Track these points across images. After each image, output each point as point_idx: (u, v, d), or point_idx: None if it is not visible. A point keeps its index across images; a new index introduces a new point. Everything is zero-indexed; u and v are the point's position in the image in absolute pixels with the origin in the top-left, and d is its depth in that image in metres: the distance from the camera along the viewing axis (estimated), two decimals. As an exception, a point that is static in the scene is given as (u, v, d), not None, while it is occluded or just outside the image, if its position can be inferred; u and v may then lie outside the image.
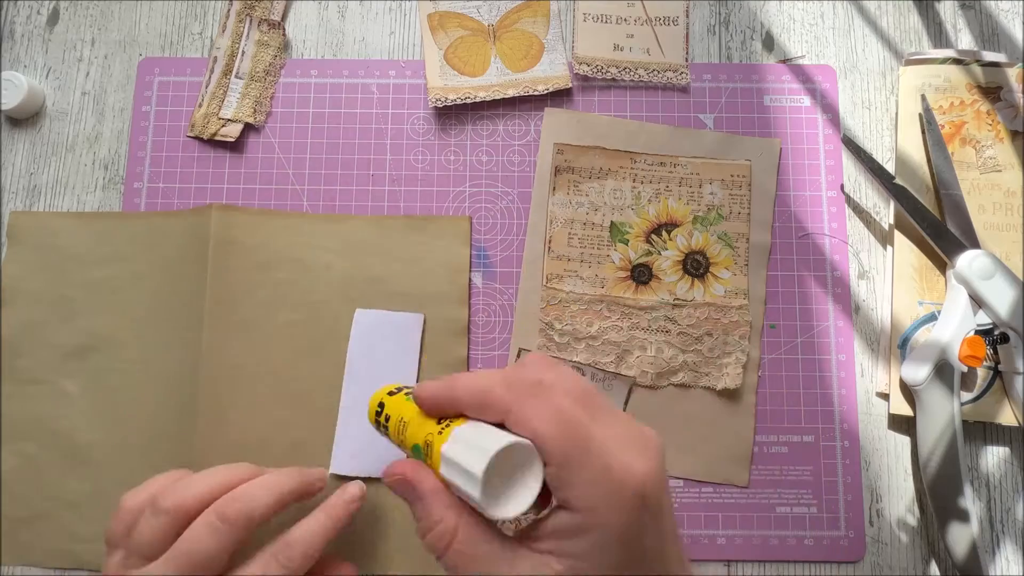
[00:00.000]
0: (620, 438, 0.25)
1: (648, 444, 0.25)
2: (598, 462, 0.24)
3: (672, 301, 0.40)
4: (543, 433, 0.24)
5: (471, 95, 0.42)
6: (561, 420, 0.24)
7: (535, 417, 0.24)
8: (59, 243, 0.41)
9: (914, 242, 0.40)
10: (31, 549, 0.38)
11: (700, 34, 0.44)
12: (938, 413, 0.36)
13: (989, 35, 0.44)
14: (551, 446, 0.24)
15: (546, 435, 0.24)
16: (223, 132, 0.42)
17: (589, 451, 0.24)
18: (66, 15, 0.44)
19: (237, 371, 0.39)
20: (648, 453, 0.25)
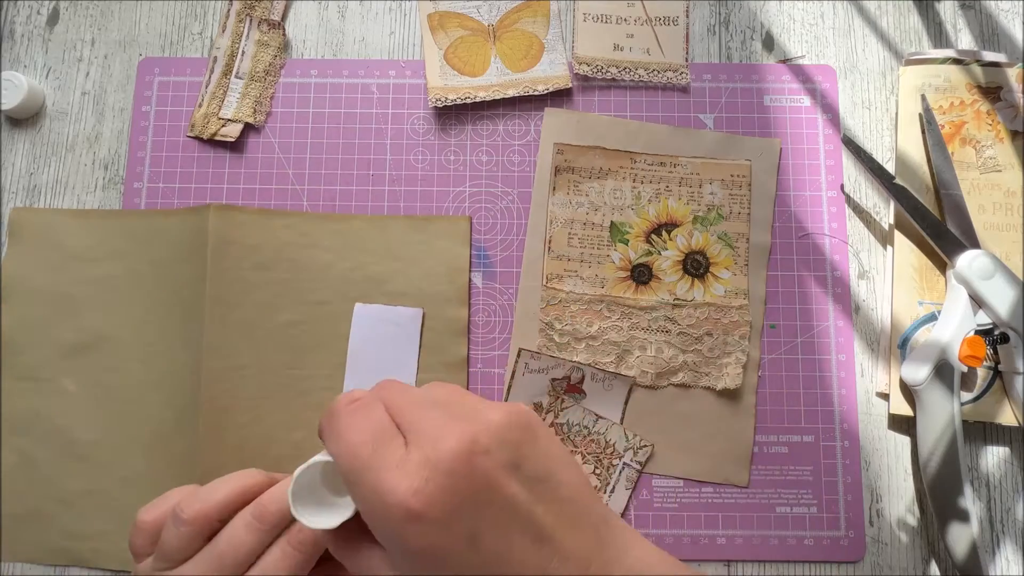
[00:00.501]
0: (429, 430, 0.25)
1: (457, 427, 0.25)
2: (369, 479, 0.24)
3: (672, 301, 0.40)
4: (333, 451, 0.26)
5: (471, 95, 0.42)
6: (346, 444, 0.25)
7: (330, 441, 0.26)
8: (60, 240, 0.41)
9: (914, 242, 0.40)
10: (28, 546, 0.38)
11: (700, 34, 0.44)
12: (938, 413, 0.36)
13: (989, 35, 0.44)
14: (339, 465, 0.25)
15: (336, 454, 0.26)
16: (223, 132, 0.42)
17: (365, 469, 0.24)
18: (66, 15, 0.44)
19: (237, 371, 0.39)
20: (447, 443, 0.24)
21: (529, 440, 0.26)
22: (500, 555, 0.24)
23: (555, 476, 0.26)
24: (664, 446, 0.39)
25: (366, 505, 0.25)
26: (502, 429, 0.25)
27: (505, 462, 0.25)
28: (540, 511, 0.25)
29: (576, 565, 0.25)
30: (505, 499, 0.25)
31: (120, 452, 0.39)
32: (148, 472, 0.38)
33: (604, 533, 0.27)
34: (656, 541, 0.38)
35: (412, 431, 0.25)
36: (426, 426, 0.25)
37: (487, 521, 0.24)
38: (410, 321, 0.39)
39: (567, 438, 0.39)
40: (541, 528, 0.25)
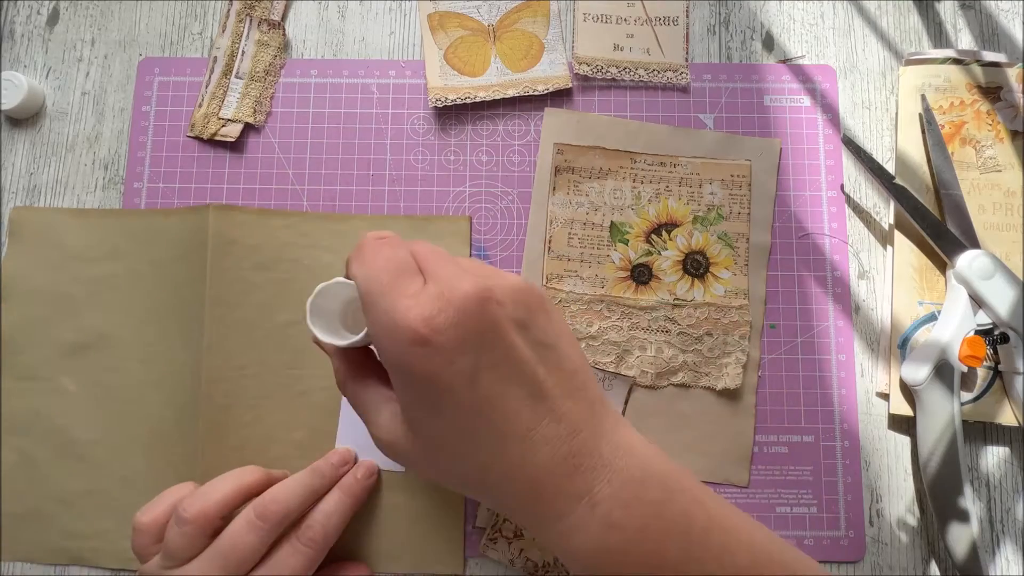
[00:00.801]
0: (447, 275, 0.26)
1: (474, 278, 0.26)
2: (386, 301, 0.25)
3: (672, 301, 0.40)
4: (355, 274, 0.27)
5: (471, 95, 0.42)
6: (370, 267, 0.27)
7: (354, 265, 0.27)
8: (60, 239, 0.41)
9: (914, 242, 0.40)
10: (28, 545, 0.38)
11: (700, 34, 0.44)
12: (938, 413, 0.36)
13: (989, 35, 0.44)
14: (359, 288, 0.27)
15: (357, 277, 0.27)
16: (223, 132, 0.42)
17: (384, 292, 0.26)
18: (66, 15, 0.44)
19: (238, 371, 0.39)
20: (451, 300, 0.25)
21: (541, 310, 0.27)
22: (495, 399, 0.25)
23: (561, 348, 0.27)
24: (664, 446, 0.39)
25: (378, 327, 0.26)
26: (517, 291, 0.27)
27: (515, 318, 0.26)
28: (541, 371, 0.26)
29: (567, 428, 0.26)
30: (510, 348, 0.26)
31: (120, 452, 0.39)
32: (148, 472, 0.38)
33: (599, 409, 0.28)
34: (656, 541, 0.38)
35: (432, 274, 0.26)
36: (446, 272, 0.26)
37: (489, 363, 0.25)
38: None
39: (567, 438, 0.39)
40: (540, 386, 0.26)
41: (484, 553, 0.37)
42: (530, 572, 0.37)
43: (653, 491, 0.26)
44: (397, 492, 0.38)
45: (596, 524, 0.26)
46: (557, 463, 0.26)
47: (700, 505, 0.27)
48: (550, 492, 0.26)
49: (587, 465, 0.26)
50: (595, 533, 0.26)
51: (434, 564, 0.38)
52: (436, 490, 0.38)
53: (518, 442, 0.26)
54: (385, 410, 0.28)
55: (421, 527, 0.38)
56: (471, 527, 0.38)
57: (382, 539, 0.38)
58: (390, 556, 0.38)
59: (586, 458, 0.26)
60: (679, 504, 0.27)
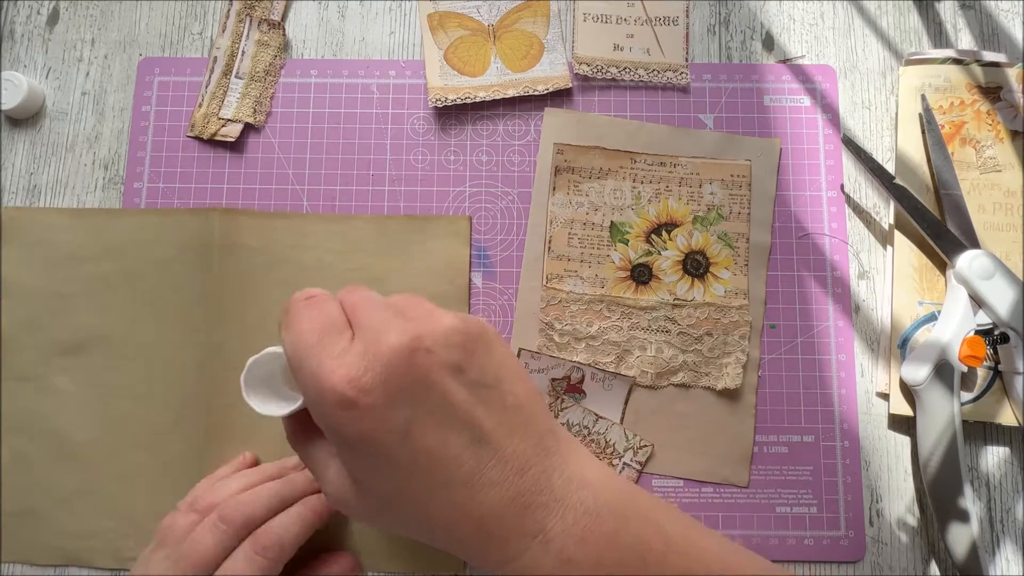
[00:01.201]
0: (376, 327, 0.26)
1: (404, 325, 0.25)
2: (311, 363, 0.25)
3: (672, 301, 0.40)
4: (284, 339, 0.27)
5: (471, 95, 0.42)
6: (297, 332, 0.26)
7: (283, 331, 0.27)
8: (53, 239, 0.41)
9: (914, 242, 0.40)
10: (23, 546, 0.38)
11: (700, 34, 0.44)
12: (938, 413, 0.36)
13: (989, 35, 0.44)
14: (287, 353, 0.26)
15: (285, 343, 0.26)
16: (223, 132, 0.42)
17: (308, 357, 0.25)
18: (66, 15, 0.44)
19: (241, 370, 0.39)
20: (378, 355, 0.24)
21: (479, 348, 0.27)
22: (434, 450, 0.25)
23: (503, 386, 0.27)
24: (664, 446, 0.39)
25: (306, 391, 0.25)
26: (451, 333, 0.26)
27: (448, 363, 0.25)
28: (481, 413, 0.26)
29: (514, 468, 0.26)
30: (444, 395, 0.25)
31: (116, 451, 0.39)
32: (144, 471, 0.38)
33: (548, 442, 0.27)
34: (656, 541, 0.38)
35: (360, 326, 0.26)
36: (374, 322, 0.26)
37: (422, 415, 0.25)
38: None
39: (567, 438, 0.39)
40: (481, 429, 0.26)
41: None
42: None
43: (607, 522, 0.26)
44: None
45: (550, 561, 0.25)
46: (506, 504, 0.25)
47: (657, 530, 0.27)
48: (501, 534, 0.25)
49: (538, 503, 0.26)
50: (550, 570, 0.25)
51: (433, 565, 0.38)
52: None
53: (464, 488, 0.25)
54: (331, 466, 0.28)
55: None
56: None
57: (381, 539, 0.38)
58: (389, 556, 0.38)
59: (536, 496, 0.26)
60: (634, 532, 0.26)
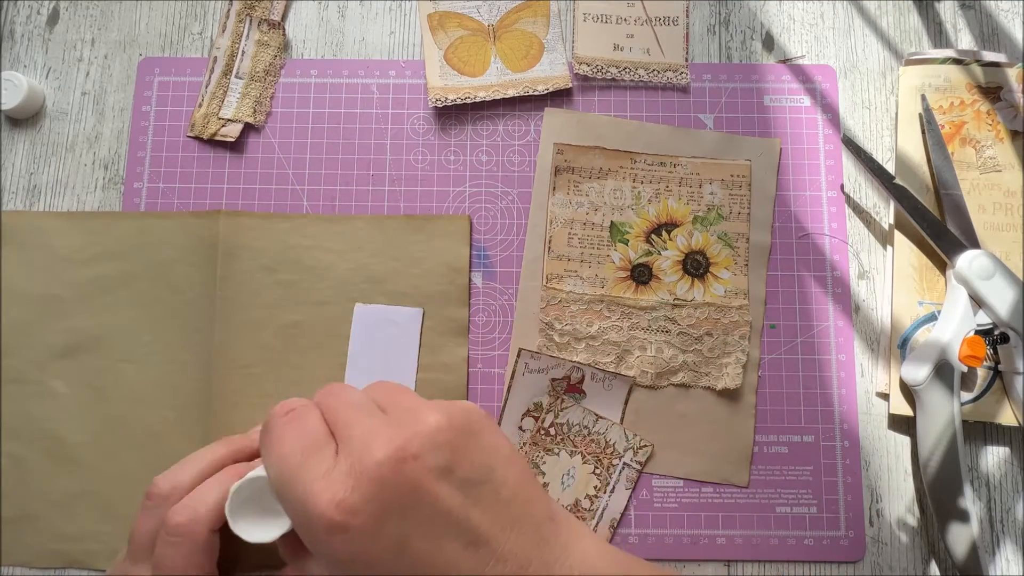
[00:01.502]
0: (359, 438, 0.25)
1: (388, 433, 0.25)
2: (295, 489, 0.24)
3: (672, 301, 0.40)
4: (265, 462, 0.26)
5: (471, 95, 0.42)
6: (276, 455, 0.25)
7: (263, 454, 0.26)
8: (49, 243, 0.41)
9: (914, 242, 0.40)
10: (20, 549, 0.38)
11: (700, 34, 0.44)
12: (938, 413, 0.36)
13: (989, 35, 0.44)
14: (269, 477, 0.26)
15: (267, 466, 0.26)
16: (223, 132, 0.42)
17: (292, 482, 0.24)
18: (66, 15, 0.44)
19: (245, 370, 0.39)
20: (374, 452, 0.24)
21: (468, 442, 0.26)
22: (431, 560, 0.24)
23: (495, 477, 0.26)
24: (664, 446, 0.39)
25: (294, 516, 0.25)
26: (436, 432, 0.25)
27: (436, 466, 0.25)
28: (475, 514, 0.25)
29: (515, 566, 0.25)
30: (435, 504, 0.24)
31: (113, 453, 0.39)
32: (143, 472, 0.38)
33: (547, 531, 0.26)
34: (656, 541, 0.38)
35: (344, 438, 0.25)
36: (357, 432, 0.25)
37: (415, 528, 0.24)
38: (410, 321, 0.39)
39: (567, 438, 0.39)
40: (476, 532, 0.25)
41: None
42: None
43: None
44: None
45: None
46: None
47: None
48: None
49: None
50: None
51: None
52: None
53: None
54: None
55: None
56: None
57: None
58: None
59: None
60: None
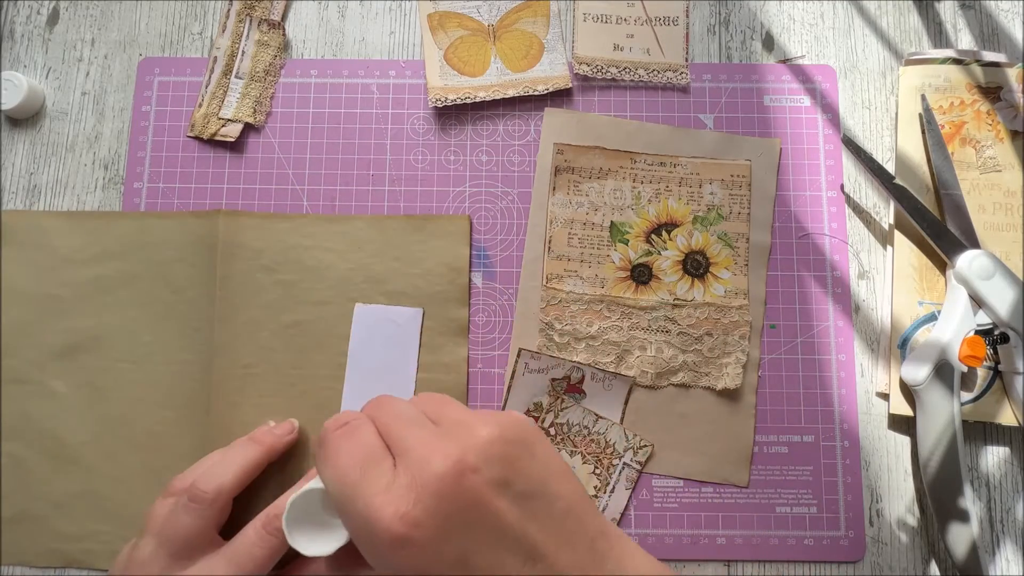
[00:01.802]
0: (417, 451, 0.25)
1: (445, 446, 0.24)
2: (357, 505, 0.24)
3: (672, 301, 0.40)
4: (323, 477, 0.26)
5: (471, 95, 0.42)
6: (333, 470, 0.26)
7: (320, 468, 0.26)
8: (50, 243, 0.41)
9: (914, 242, 0.40)
10: (20, 549, 0.38)
11: (700, 34, 0.44)
12: (938, 413, 0.36)
13: (989, 35, 0.44)
14: (328, 491, 0.26)
15: (325, 481, 0.26)
16: (223, 132, 0.42)
17: (353, 497, 0.24)
18: (66, 15, 0.44)
19: (245, 369, 0.39)
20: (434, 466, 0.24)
21: (522, 454, 0.26)
22: (490, 574, 0.24)
23: (549, 490, 0.26)
24: (664, 446, 0.39)
25: (355, 530, 0.25)
26: (492, 445, 0.25)
27: (494, 479, 0.24)
28: (533, 529, 0.25)
29: None
30: (495, 518, 0.24)
31: (112, 453, 0.39)
32: (143, 472, 0.38)
33: (600, 546, 0.26)
34: (656, 541, 0.38)
35: (401, 451, 0.25)
36: (414, 445, 0.25)
37: (477, 542, 0.24)
38: (410, 321, 0.39)
39: (567, 438, 0.39)
40: (533, 546, 0.25)
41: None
42: None
43: None
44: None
45: None
46: None
47: None
48: None
49: None
50: None
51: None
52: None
53: None
54: None
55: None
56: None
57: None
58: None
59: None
60: None
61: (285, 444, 0.37)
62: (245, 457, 0.35)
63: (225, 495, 0.33)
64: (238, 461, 0.35)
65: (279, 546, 0.33)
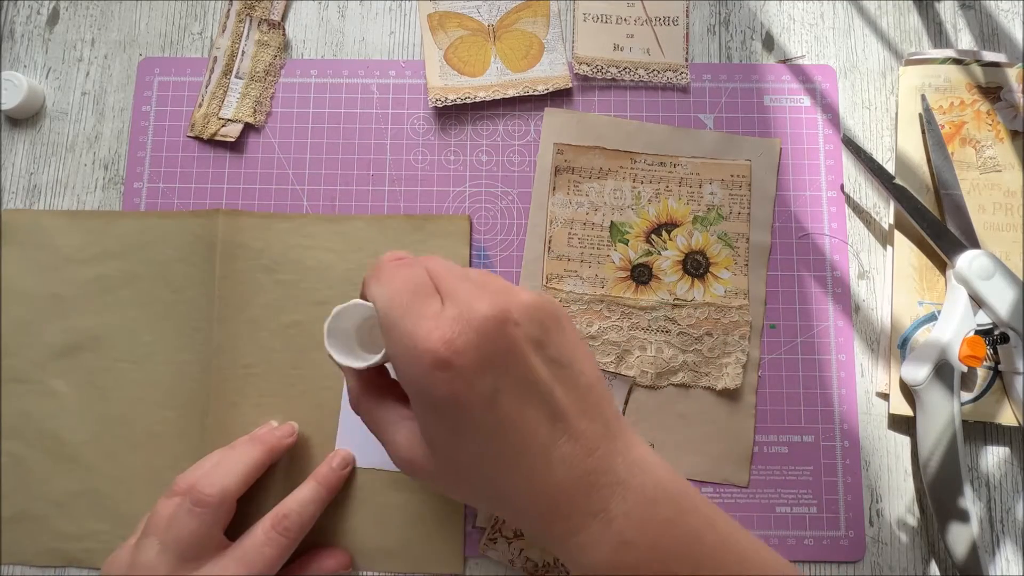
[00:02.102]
0: (465, 296, 0.26)
1: (491, 297, 0.26)
2: (407, 324, 0.26)
3: (672, 301, 0.40)
4: (374, 296, 0.27)
5: (471, 95, 0.42)
6: (389, 288, 0.27)
7: (373, 286, 0.28)
8: (51, 242, 0.41)
9: (914, 242, 0.40)
10: (20, 548, 0.38)
11: (700, 34, 0.44)
12: (938, 413, 0.36)
13: (989, 35, 0.44)
14: (377, 309, 0.27)
15: (376, 299, 0.27)
16: (223, 132, 0.42)
17: (406, 312, 0.26)
18: (66, 15, 0.44)
19: (245, 369, 0.39)
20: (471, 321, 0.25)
21: (555, 327, 0.27)
22: (514, 421, 0.26)
23: (575, 365, 0.27)
24: (664, 446, 0.39)
25: (399, 348, 0.26)
26: (532, 309, 0.27)
27: (531, 337, 0.26)
28: (559, 392, 0.27)
29: (584, 447, 0.26)
30: (528, 370, 0.26)
31: (112, 452, 0.39)
32: (143, 471, 0.38)
33: (614, 427, 0.28)
34: (656, 541, 0.38)
35: (450, 294, 0.26)
36: (462, 292, 0.26)
37: (508, 385, 0.26)
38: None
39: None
40: (557, 406, 0.26)
41: (484, 553, 0.37)
42: (530, 572, 0.37)
43: (665, 510, 0.27)
44: (397, 492, 0.38)
45: (610, 540, 0.26)
46: (574, 481, 0.26)
47: (710, 525, 0.27)
48: (566, 509, 0.26)
49: (603, 483, 0.26)
50: (609, 549, 0.26)
51: (434, 564, 0.38)
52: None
53: (537, 461, 0.26)
54: (403, 428, 0.28)
55: (421, 527, 0.38)
56: (471, 527, 0.38)
57: (382, 538, 0.38)
58: (390, 556, 0.38)
59: (602, 476, 0.26)
60: (690, 524, 0.27)
61: (285, 446, 0.37)
62: (249, 458, 0.35)
63: (230, 497, 0.34)
64: (242, 462, 0.35)
65: (288, 545, 0.34)
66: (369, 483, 0.38)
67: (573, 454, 0.26)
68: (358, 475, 0.38)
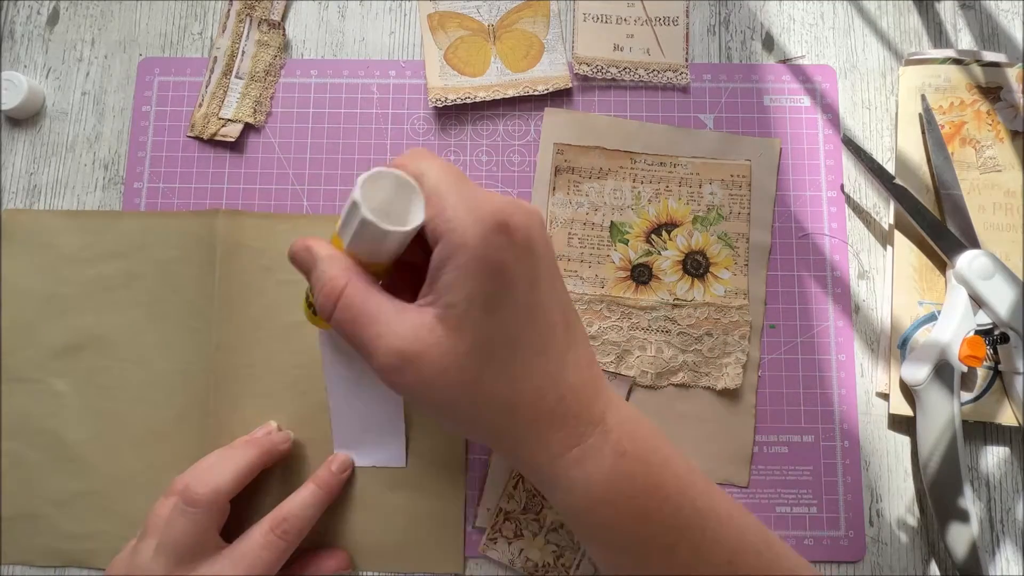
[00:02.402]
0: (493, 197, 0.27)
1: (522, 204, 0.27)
2: (465, 191, 0.26)
3: (672, 301, 0.40)
4: (425, 168, 0.27)
5: (471, 95, 0.42)
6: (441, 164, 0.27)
7: (422, 161, 0.27)
8: (52, 241, 0.41)
9: (914, 242, 0.40)
10: (21, 548, 0.38)
11: (700, 34, 0.44)
12: (938, 413, 0.36)
13: (989, 35, 0.44)
14: (430, 178, 0.27)
15: (427, 171, 0.27)
16: (223, 132, 0.42)
17: (461, 184, 0.27)
18: (66, 15, 0.44)
19: (246, 369, 0.39)
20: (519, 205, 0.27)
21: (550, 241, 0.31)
22: (545, 309, 0.27)
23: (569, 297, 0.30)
24: (664, 446, 0.39)
25: (459, 211, 0.26)
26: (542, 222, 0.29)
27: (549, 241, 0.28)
28: (568, 302, 0.29)
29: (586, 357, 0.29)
30: (556, 270, 0.28)
31: (113, 452, 0.39)
32: (144, 471, 0.38)
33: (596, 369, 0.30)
34: (656, 541, 0.38)
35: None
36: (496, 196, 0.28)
37: (544, 274, 0.27)
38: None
39: (567, 438, 0.39)
40: (571, 315, 0.29)
41: (484, 553, 0.37)
42: (530, 572, 0.37)
43: (645, 429, 0.29)
44: (397, 492, 0.38)
45: (609, 450, 0.27)
46: (582, 386, 0.28)
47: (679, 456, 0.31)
48: (573, 413, 0.27)
49: (601, 394, 0.29)
50: (608, 459, 0.27)
51: (434, 564, 0.38)
52: (437, 490, 0.38)
53: (553, 357, 0.27)
54: (407, 318, 0.26)
55: (421, 527, 0.38)
56: (471, 527, 0.38)
57: (382, 539, 0.38)
58: (390, 556, 0.38)
59: (601, 385, 0.29)
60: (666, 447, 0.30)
61: (280, 452, 0.37)
62: (242, 459, 0.35)
63: (222, 497, 0.33)
64: (236, 462, 0.35)
65: (286, 548, 0.34)
66: (369, 483, 0.38)
67: (580, 361, 0.28)
68: (358, 475, 0.38)
